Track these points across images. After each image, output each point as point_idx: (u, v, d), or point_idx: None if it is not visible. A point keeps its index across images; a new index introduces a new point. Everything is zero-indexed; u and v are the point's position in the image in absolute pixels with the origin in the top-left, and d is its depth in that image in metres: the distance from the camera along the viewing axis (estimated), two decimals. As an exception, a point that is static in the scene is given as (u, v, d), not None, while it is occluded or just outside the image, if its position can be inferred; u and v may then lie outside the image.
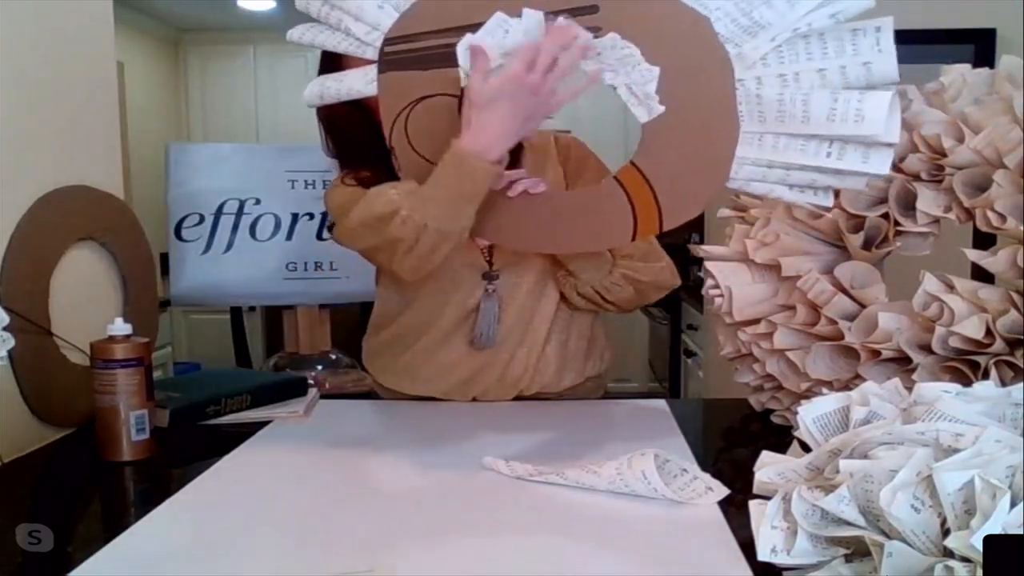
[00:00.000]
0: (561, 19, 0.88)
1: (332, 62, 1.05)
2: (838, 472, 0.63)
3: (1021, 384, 0.68)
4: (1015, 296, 0.88)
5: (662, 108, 0.90)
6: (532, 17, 0.89)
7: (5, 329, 0.88)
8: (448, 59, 0.94)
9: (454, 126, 0.95)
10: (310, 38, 1.00)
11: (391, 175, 1.05)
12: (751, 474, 0.73)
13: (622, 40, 0.88)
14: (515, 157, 1.19)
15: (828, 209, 0.97)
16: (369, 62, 0.99)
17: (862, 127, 0.82)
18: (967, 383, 0.73)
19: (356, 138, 1.13)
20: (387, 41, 0.97)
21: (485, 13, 0.91)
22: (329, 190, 1.19)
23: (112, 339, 1.03)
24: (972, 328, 0.89)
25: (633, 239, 0.98)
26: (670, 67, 0.89)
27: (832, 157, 0.85)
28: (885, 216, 1.01)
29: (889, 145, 0.84)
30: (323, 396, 1.31)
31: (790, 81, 0.86)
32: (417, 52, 0.96)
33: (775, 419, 1.12)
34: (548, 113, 0.94)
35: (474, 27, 0.92)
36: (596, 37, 0.89)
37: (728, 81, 0.87)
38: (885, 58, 0.82)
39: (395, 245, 1.00)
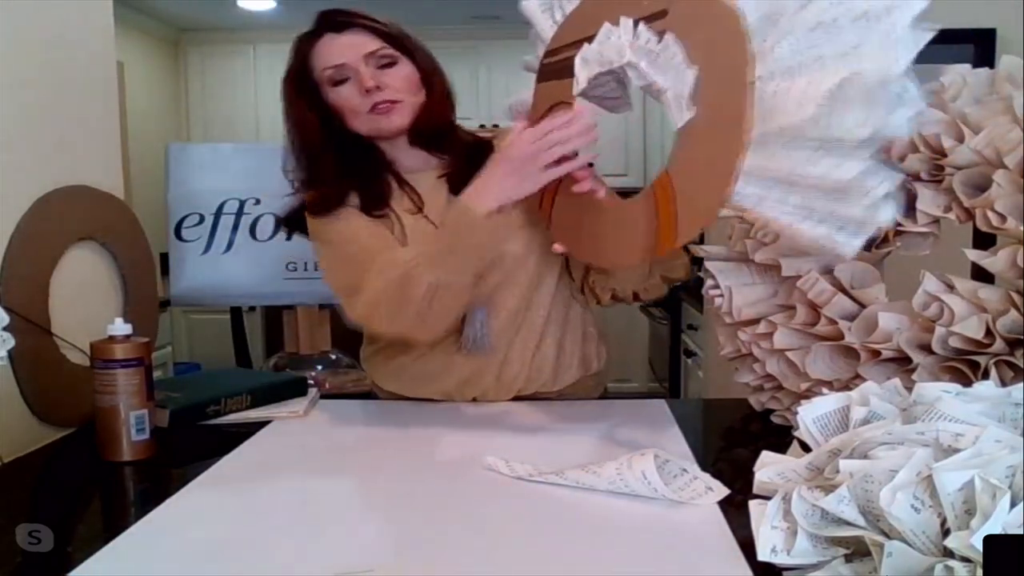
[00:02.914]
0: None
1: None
2: (838, 472, 0.63)
3: (1021, 384, 0.68)
4: (1015, 296, 0.88)
5: (693, 111, 0.85)
6: (624, 25, 0.93)
7: (5, 329, 0.88)
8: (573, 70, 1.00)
9: None
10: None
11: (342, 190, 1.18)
12: (751, 474, 0.73)
13: (675, 42, 0.86)
14: None
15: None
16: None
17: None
18: (967, 383, 0.73)
19: (321, 149, 1.23)
20: (544, 55, 1.08)
21: (598, 25, 0.96)
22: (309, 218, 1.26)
23: (112, 339, 1.03)
24: (972, 328, 0.89)
25: (655, 254, 0.94)
26: (706, 68, 0.84)
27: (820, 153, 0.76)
28: (885, 216, 1.01)
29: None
30: (323, 396, 1.31)
31: (795, 71, 0.78)
32: (557, 64, 1.04)
33: (775, 419, 1.12)
34: (534, 183, 0.98)
35: (591, 38, 0.96)
36: (659, 41, 0.88)
37: (748, 83, 0.80)
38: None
39: (414, 307, 1.04)
